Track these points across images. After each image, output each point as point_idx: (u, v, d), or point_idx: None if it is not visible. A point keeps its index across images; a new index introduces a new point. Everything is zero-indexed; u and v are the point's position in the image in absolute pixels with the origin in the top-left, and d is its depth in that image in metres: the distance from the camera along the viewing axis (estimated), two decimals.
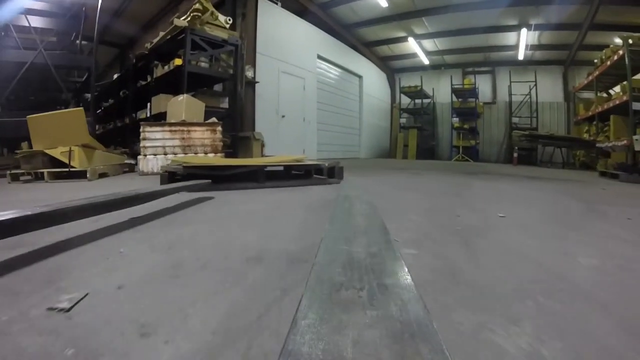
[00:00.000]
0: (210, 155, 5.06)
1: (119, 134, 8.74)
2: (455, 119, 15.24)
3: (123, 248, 1.36)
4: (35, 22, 6.56)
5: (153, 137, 4.85)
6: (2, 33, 6.15)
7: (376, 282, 0.67)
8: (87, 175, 4.11)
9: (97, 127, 10.14)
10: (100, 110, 10.48)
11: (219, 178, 3.21)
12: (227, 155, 5.82)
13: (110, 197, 1.64)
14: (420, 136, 15.59)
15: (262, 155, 7.00)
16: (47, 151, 4.17)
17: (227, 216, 2.10)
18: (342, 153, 12.95)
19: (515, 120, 14.41)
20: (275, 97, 9.30)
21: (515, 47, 13.09)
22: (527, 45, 12.77)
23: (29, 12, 6.35)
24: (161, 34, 6.72)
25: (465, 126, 14.86)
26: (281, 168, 3.90)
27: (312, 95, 11.06)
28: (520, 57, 13.69)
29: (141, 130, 4.86)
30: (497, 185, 4.44)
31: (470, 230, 1.77)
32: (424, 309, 0.58)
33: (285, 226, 1.79)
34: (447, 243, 1.49)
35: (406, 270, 0.78)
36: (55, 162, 4.22)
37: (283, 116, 9.55)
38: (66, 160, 4.14)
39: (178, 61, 6.03)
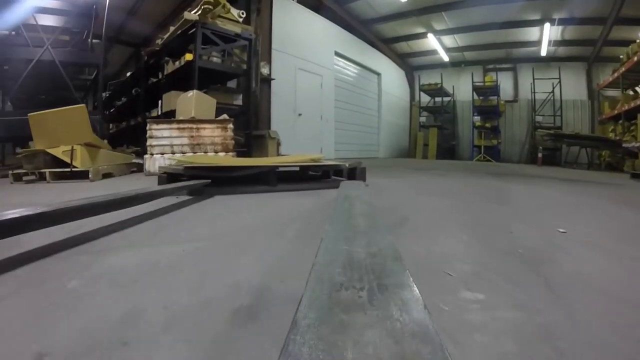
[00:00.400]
0: (221, 154, 4.77)
1: (131, 132, 8.59)
2: (477, 118, 14.67)
3: (75, 279, 1.03)
4: (47, 20, 6.45)
5: (160, 135, 4.58)
6: (13, 32, 6.02)
7: (376, 282, 0.64)
8: (89, 176, 3.87)
9: (110, 126, 10.07)
10: (113, 109, 10.39)
11: (225, 180, 2.91)
12: (240, 155, 5.53)
13: (109, 197, 1.63)
14: (441, 135, 15.01)
15: (278, 155, 6.70)
16: (48, 150, 3.95)
17: (225, 230, 1.75)
18: (360, 152, 12.57)
19: (538, 118, 13.78)
20: (291, 94, 9.02)
21: (538, 42, 12.52)
22: (550, 41, 12.18)
23: (42, 10, 6.23)
24: (172, 29, 6.49)
25: (487, 125, 14.27)
26: (296, 169, 3.55)
27: (330, 93, 10.75)
28: (543, 53, 13.09)
29: (147, 128, 4.61)
30: (532, 188, 4.05)
31: (536, 254, 1.38)
32: (424, 309, 0.53)
33: (296, 250, 1.42)
34: (518, 279, 1.09)
35: (407, 271, 0.70)
36: (57, 161, 3.99)
37: (300, 114, 9.26)
38: (68, 160, 3.91)
39: (189, 56, 5.78)
